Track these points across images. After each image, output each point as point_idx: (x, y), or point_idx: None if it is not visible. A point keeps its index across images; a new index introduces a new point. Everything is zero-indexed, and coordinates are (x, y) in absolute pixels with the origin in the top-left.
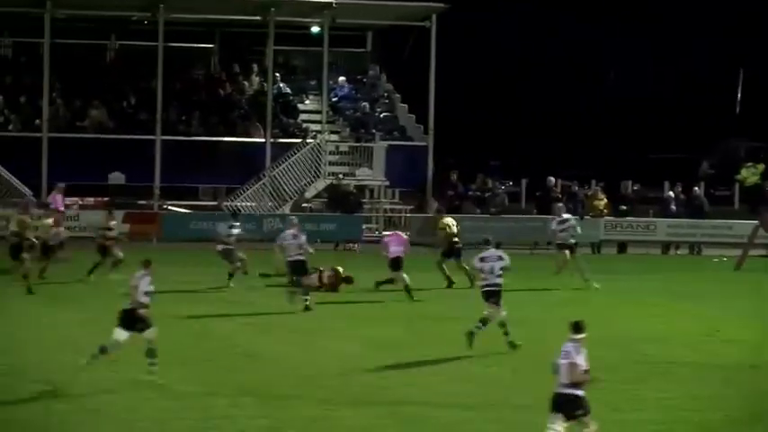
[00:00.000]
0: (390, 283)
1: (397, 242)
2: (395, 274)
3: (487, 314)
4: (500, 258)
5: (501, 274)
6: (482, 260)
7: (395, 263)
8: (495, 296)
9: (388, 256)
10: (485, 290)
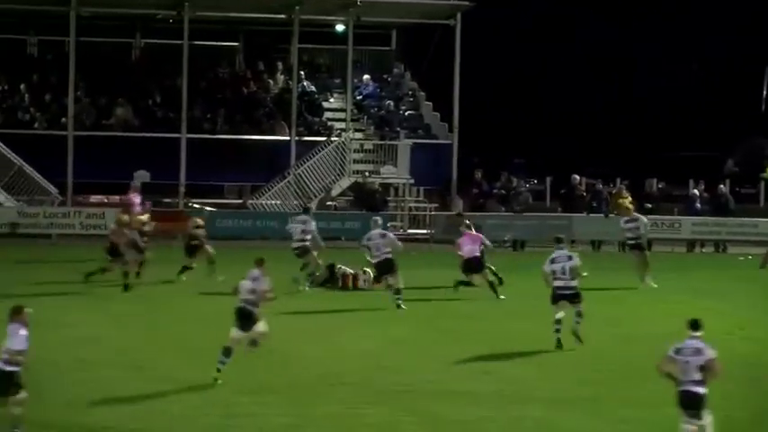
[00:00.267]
0: (468, 285)
1: (471, 242)
2: (472, 276)
3: (557, 317)
4: (570, 258)
5: (574, 275)
6: (552, 262)
7: (470, 264)
8: (568, 298)
9: (463, 256)
10: (560, 292)
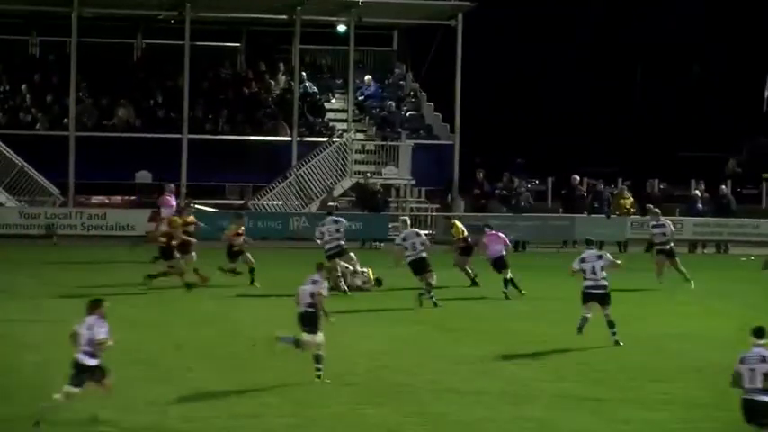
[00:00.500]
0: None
1: (496, 241)
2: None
3: (585, 315)
4: (600, 258)
5: (605, 274)
6: (582, 261)
7: (498, 263)
8: (598, 297)
9: (489, 256)
10: (589, 291)
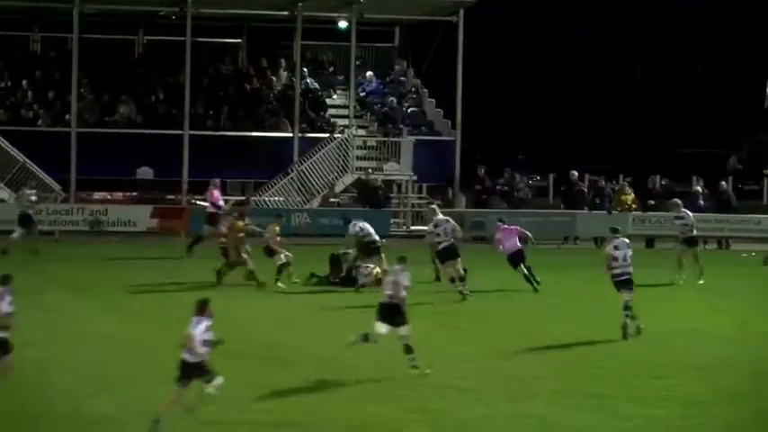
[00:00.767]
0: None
1: (510, 235)
2: (520, 267)
3: (628, 300)
4: (628, 246)
5: (630, 262)
6: (616, 248)
7: (515, 257)
8: (629, 284)
9: (504, 252)
10: (620, 279)
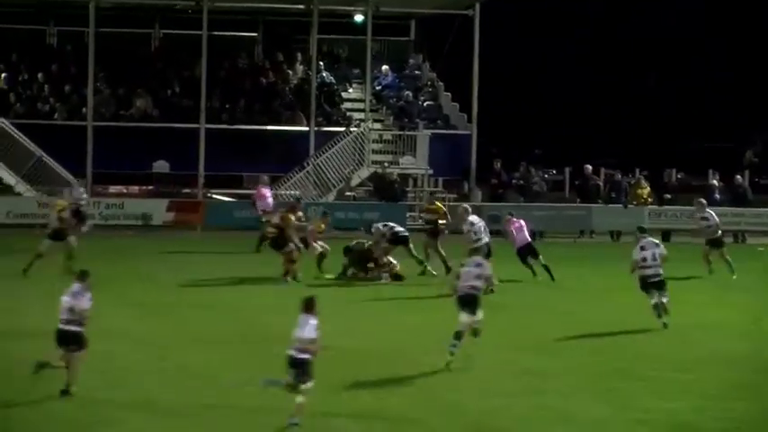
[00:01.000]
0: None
1: (520, 229)
2: (535, 260)
3: (656, 302)
4: (657, 245)
5: (660, 262)
6: (642, 249)
7: (524, 251)
8: (658, 285)
9: (518, 244)
10: (652, 280)
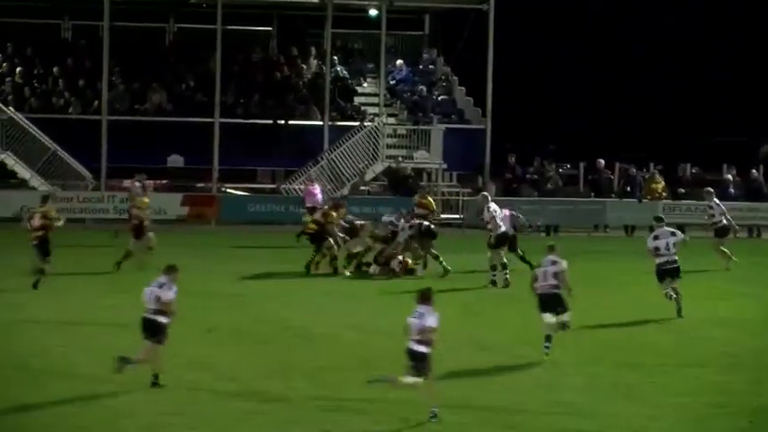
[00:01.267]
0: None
1: (503, 219)
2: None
3: (667, 291)
4: (673, 234)
5: (675, 250)
6: (656, 238)
7: (503, 240)
8: (673, 273)
9: (497, 232)
10: (667, 267)
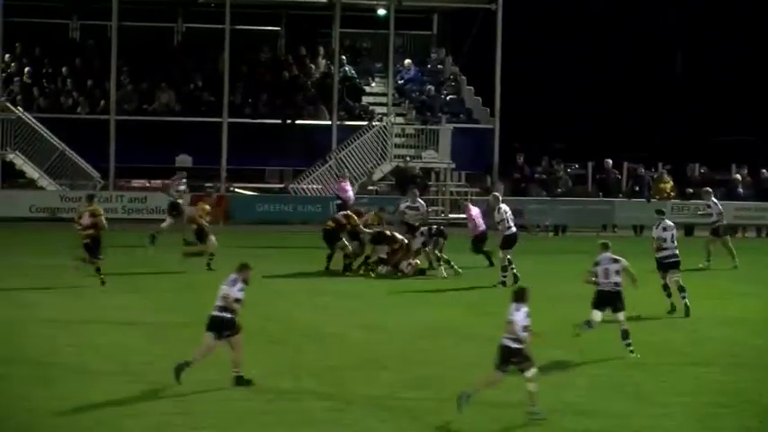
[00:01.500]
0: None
1: (477, 216)
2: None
3: (668, 281)
4: (674, 228)
5: (676, 244)
6: (665, 229)
7: (481, 240)
8: (674, 265)
9: (472, 231)
10: (670, 260)
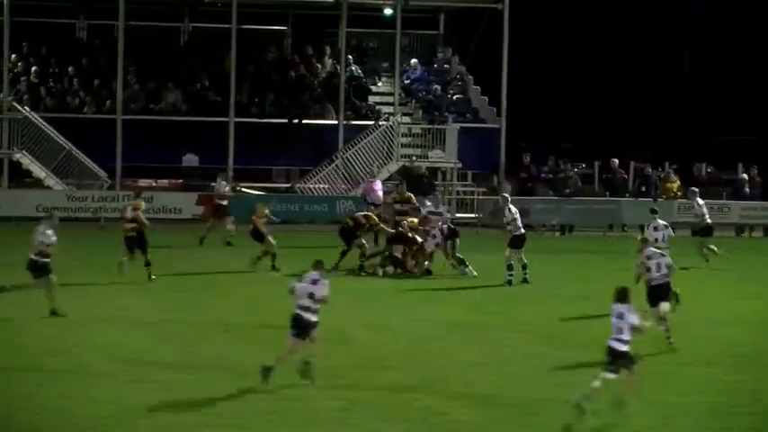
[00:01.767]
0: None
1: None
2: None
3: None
4: (666, 227)
5: (667, 244)
6: (656, 229)
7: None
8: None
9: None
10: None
